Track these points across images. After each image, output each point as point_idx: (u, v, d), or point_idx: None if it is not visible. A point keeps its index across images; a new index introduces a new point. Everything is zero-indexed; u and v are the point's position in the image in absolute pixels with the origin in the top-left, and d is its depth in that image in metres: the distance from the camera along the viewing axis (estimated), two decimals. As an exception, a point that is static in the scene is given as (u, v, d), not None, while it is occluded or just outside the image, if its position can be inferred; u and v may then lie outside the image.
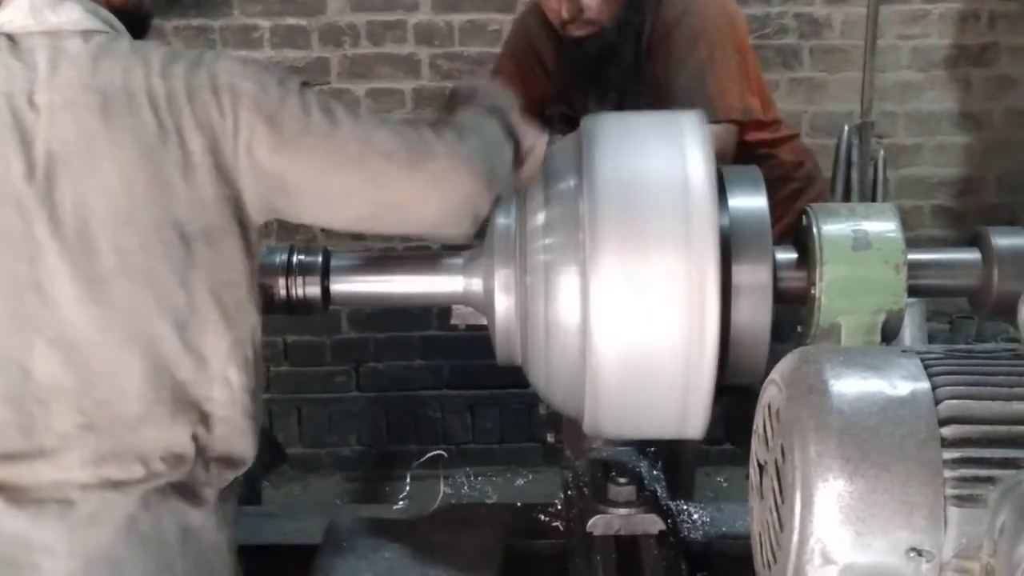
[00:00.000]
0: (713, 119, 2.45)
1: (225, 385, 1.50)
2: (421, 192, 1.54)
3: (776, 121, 2.91)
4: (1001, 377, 1.19)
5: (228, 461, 1.54)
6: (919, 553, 1.11)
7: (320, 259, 1.81)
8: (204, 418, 1.49)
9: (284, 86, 1.51)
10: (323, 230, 4.29)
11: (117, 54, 1.46)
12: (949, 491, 1.11)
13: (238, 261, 1.51)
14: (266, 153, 1.47)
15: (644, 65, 2.66)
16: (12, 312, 1.42)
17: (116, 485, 1.45)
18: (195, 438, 1.48)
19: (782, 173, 2.77)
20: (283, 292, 1.80)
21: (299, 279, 1.81)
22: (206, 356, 1.48)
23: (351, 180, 1.52)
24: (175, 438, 1.47)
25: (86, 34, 1.47)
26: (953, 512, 1.11)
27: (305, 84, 1.56)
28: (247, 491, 2.20)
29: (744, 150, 2.64)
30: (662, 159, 1.63)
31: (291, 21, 4.14)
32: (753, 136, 2.72)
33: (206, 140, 1.45)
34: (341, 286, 1.83)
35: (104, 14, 1.51)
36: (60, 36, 1.46)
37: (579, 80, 2.73)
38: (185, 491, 1.49)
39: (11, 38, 1.46)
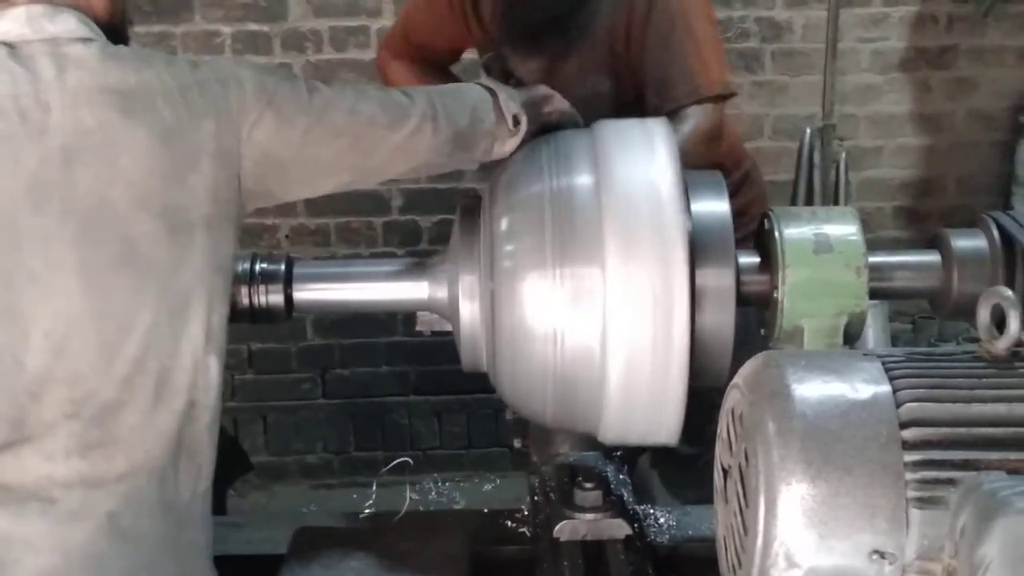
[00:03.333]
0: (698, 97, 2.49)
1: (205, 372, 1.53)
2: (395, 154, 1.68)
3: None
4: (961, 379, 1.20)
5: (205, 452, 1.55)
6: (882, 555, 1.11)
7: (283, 267, 1.80)
8: (189, 405, 1.51)
9: (276, 74, 1.65)
10: (287, 236, 4.28)
11: (121, 57, 1.52)
12: (911, 493, 1.12)
13: (229, 248, 1.58)
14: (267, 134, 1.57)
15: (595, 32, 2.59)
16: (10, 304, 1.43)
17: (98, 482, 1.45)
18: (178, 427, 1.50)
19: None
20: (246, 300, 1.79)
21: (262, 287, 1.80)
22: (193, 342, 1.51)
23: (340, 150, 1.64)
24: (158, 427, 1.48)
25: (84, 41, 1.51)
26: (915, 514, 1.11)
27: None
28: (212, 500, 2.18)
29: None
30: (630, 165, 1.63)
31: (253, 27, 4.12)
32: None
33: (215, 127, 1.53)
34: (304, 294, 1.82)
35: (93, 26, 1.55)
36: (59, 43, 1.50)
37: (517, 41, 2.67)
38: (166, 490, 1.50)
39: (10, 46, 1.49)
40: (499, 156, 1.78)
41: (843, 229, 1.68)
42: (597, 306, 1.58)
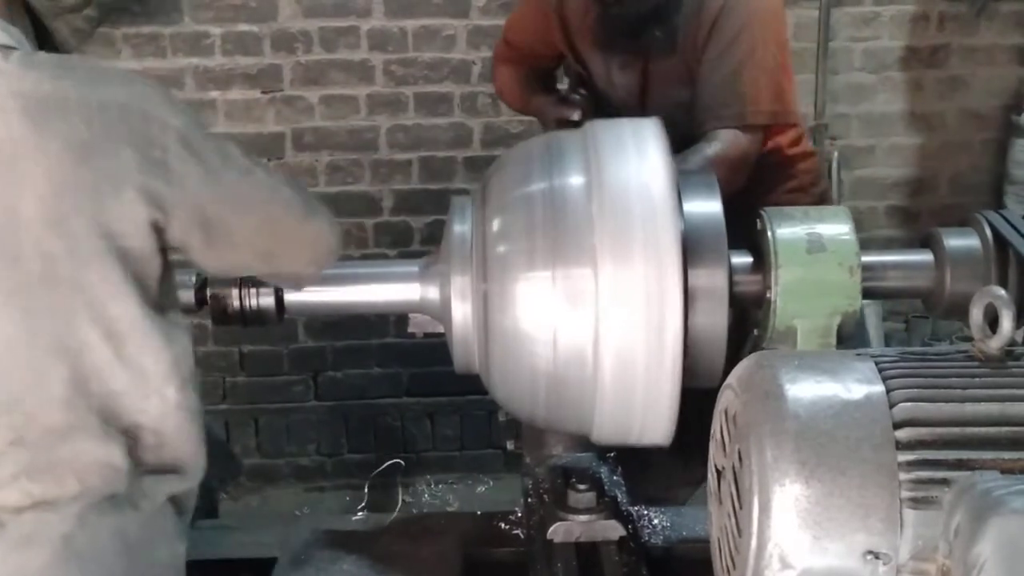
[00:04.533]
0: (743, 123, 2.46)
1: (161, 401, 1.48)
2: (303, 244, 1.63)
3: (796, 129, 2.80)
4: (954, 379, 1.19)
5: (170, 471, 1.51)
6: (876, 556, 1.11)
7: (274, 269, 1.79)
8: (135, 429, 1.46)
9: (203, 127, 1.55)
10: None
11: (41, 65, 1.45)
12: (904, 493, 1.11)
13: (173, 281, 1.53)
14: (195, 185, 1.47)
15: (678, 41, 2.58)
16: None
17: (50, 504, 1.41)
18: (129, 450, 1.45)
19: (794, 186, 2.71)
20: (236, 303, 1.79)
21: (252, 290, 1.79)
22: (145, 372, 1.46)
23: (254, 224, 1.57)
24: (107, 450, 1.44)
25: (4, 49, 1.45)
26: (909, 514, 1.11)
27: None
28: (204, 504, 2.17)
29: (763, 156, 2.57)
30: (623, 166, 1.63)
31: (243, 27, 4.11)
32: (774, 141, 2.65)
33: (138, 161, 1.43)
34: (295, 296, 1.81)
35: (15, 32, 1.50)
36: None
37: (614, 40, 2.66)
38: (123, 505, 1.46)
39: None
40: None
41: (836, 228, 1.68)
42: (590, 307, 1.57)
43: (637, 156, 1.65)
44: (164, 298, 1.50)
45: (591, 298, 1.57)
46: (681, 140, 1.84)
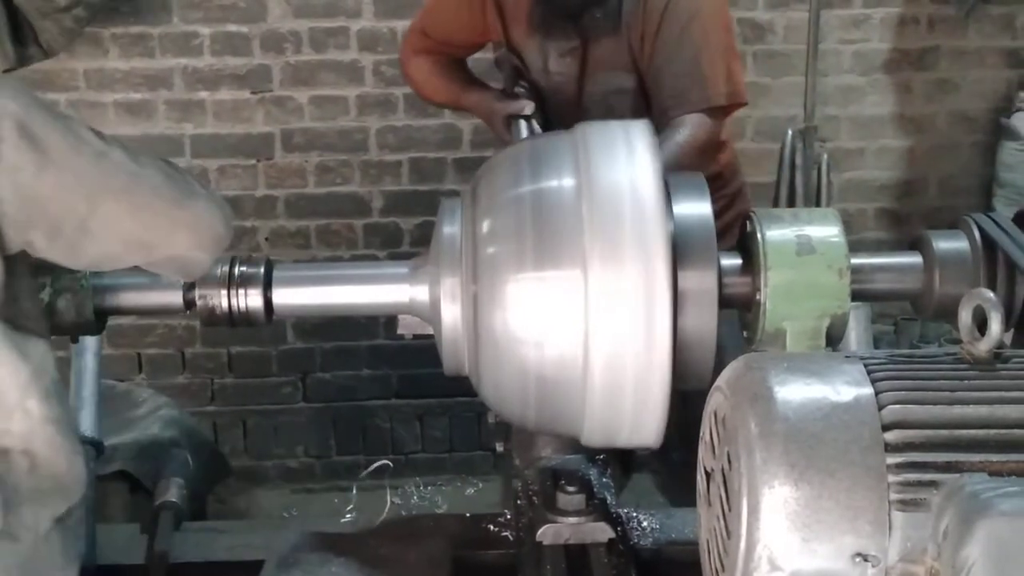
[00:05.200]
0: (706, 106, 2.53)
1: (25, 417, 1.41)
2: (180, 230, 1.54)
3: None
4: (942, 381, 1.19)
5: (47, 494, 1.44)
6: (865, 558, 1.11)
7: (262, 270, 1.78)
8: (2, 455, 1.40)
9: (49, 109, 1.44)
10: (267, 239, 4.26)
11: None
12: (893, 496, 1.11)
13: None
14: (30, 176, 1.37)
15: (620, 23, 2.62)
16: None
17: None
18: None
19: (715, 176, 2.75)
20: (224, 304, 1.77)
21: (241, 291, 1.77)
22: (1, 390, 1.40)
23: (114, 211, 1.47)
24: None
25: None
26: (897, 516, 1.11)
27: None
28: (192, 506, 2.17)
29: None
30: (612, 167, 1.63)
31: (232, 28, 4.11)
32: None
33: None
34: (284, 297, 1.80)
35: None
36: None
37: (553, 24, 2.67)
38: (2, 541, 1.38)
39: None
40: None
41: (825, 231, 1.68)
42: (579, 309, 1.57)
43: (627, 157, 1.64)
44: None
45: (581, 300, 1.57)
46: None
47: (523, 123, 2.66)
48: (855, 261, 1.68)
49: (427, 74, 3.02)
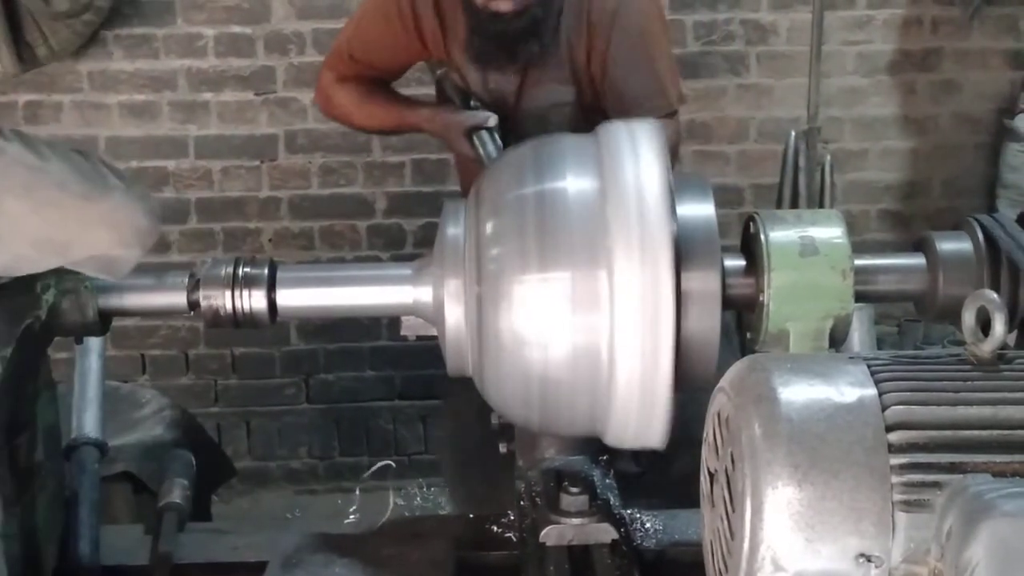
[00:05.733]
0: (668, 111, 2.63)
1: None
2: (96, 226, 1.47)
3: None
4: (946, 382, 1.19)
5: None
6: (868, 559, 1.11)
7: (266, 271, 1.78)
8: None
9: None
10: (270, 240, 4.27)
11: None
12: (897, 496, 1.11)
13: None
14: None
15: (559, 43, 2.66)
16: None
17: None
18: None
19: None
20: (229, 305, 1.77)
21: (245, 292, 1.77)
22: None
23: (16, 210, 1.41)
24: None
25: None
26: (901, 517, 1.11)
27: None
28: (196, 507, 2.17)
29: None
30: (617, 169, 1.63)
31: (236, 29, 4.11)
32: None
33: None
34: (288, 299, 1.80)
35: None
36: None
37: (491, 53, 2.68)
38: None
39: None
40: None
41: (828, 232, 1.68)
42: (584, 310, 1.57)
43: (633, 158, 1.64)
44: None
45: (585, 301, 1.57)
46: None
47: (486, 134, 2.66)
48: (858, 262, 1.67)
49: (359, 99, 2.96)
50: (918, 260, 1.76)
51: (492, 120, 2.67)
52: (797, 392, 1.19)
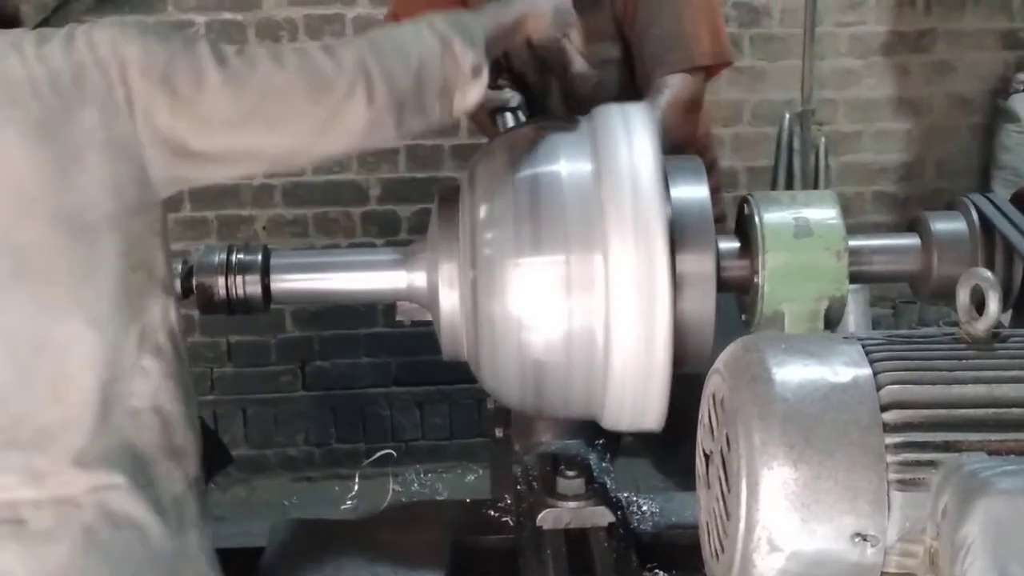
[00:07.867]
0: (690, 65, 2.53)
1: (143, 377, 1.42)
2: (320, 130, 1.46)
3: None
4: (940, 361, 1.19)
5: (174, 455, 1.46)
6: (864, 538, 1.11)
7: (260, 257, 1.78)
8: (133, 414, 1.42)
9: (169, 44, 1.41)
10: (264, 227, 4.26)
11: None
12: (892, 476, 1.11)
13: (146, 242, 1.43)
14: (165, 118, 1.38)
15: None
16: None
17: (67, 499, 1.37)
18: (129, 438, 1.41)
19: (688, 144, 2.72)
20: (223, 292, 1.77)
21: (239, 278, 1.77)
22: (119, 349, 1.40)
23: (254, 134, 1.44)
24: (109, 441, 1.39)
25: None
26: (896, 496, 1.11)
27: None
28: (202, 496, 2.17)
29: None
30: (611, 153, 1.62)
31: (227, 16, 4.09)
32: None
33: (100, 117, 1.35)
34: (282, 284, 1.80)
35: None
36: None
37: None
38: (142, 499, 1.41)
39: None
40: (463, 111, 1.61)
41: (823, 213, 1.68)
42: (579, 293, 1.57)
43: (626, 142, 1.64)
44: (138, 256, 1.41)
45: (580, 284, 1.57)
46: (612, 98, 1.84)
47: (509, 115, 2.64)
48: (853, 243, 1.67)
49: None
50: (912, 240, 1.76)
51: (515, 100, 2.65)
52: (792, 372, 1.19)
